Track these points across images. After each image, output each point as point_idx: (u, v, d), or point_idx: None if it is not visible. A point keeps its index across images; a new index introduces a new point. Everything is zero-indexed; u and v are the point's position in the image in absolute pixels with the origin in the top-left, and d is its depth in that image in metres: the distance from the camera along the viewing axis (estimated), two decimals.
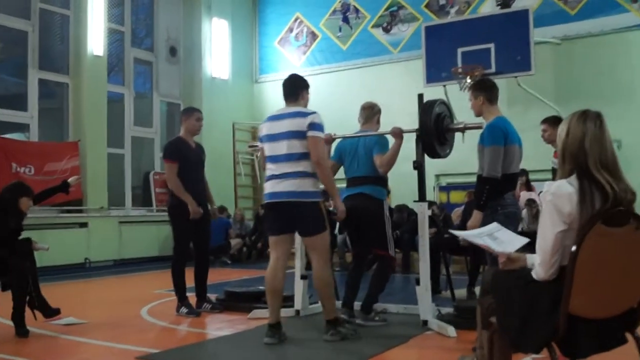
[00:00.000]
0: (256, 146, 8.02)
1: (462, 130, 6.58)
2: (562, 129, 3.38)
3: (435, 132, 6.37)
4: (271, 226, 5.97)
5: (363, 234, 6.58)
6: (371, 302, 6.60)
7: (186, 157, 7.44)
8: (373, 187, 6.50)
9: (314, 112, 5.80)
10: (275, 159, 5.82)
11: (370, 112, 6.90)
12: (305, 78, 6.27)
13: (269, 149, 5.89)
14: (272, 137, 5.86)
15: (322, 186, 5.97)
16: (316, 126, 5.71)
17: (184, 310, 7.25)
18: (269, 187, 5.86)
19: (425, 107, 6.43)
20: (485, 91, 5.92)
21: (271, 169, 5.85)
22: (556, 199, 3.22)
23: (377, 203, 6.48)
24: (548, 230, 3.24)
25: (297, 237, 6.68)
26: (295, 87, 6.09)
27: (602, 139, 3.25)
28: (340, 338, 5.70)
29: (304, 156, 5.71)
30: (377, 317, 6.58)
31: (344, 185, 6.71)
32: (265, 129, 5.97)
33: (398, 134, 6.50)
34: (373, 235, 6.57)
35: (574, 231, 3.17)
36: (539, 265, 3.29)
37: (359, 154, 6.58)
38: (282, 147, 5.76)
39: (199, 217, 7.36)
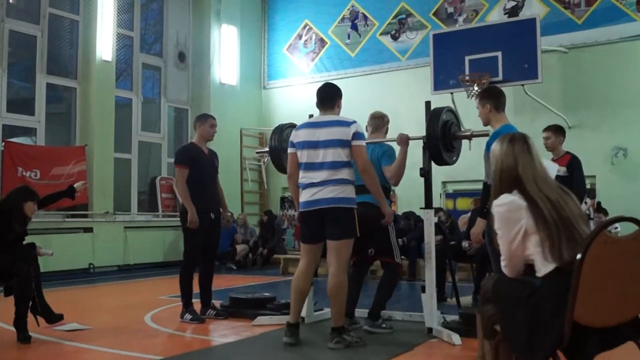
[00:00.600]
0: (264, 152, 8.00)
1: (469, 137, 6.58)
2: (495, 155, 3.66)
3: (442, 139, 6.37)
4: (306, 235, 6.04)
5: (367, 242, 6.58)
6: (379, 309, 6.60)
7: (199, 163, 7.43)
8: None
9: (355, 121, 5.90)
10: (315, 166, 5.85)
11: (381, 122, 6.98)
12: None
13: (306, 156, 5.91)
14: (312, 145, 5.88)
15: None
16: (360, 135, 5.84)
17: (188, 316, 7.22)
18: (307, 195, 5.88)
19: (433, 115, 6.43)
20: (492, 99, 5.92)
21: (309, 176, 5.88)
22: (505, 208, 3.45)
23: (381, 212, 6.43)
24: (503, 238, 3.45)
25: None
26: (332, 95, 6.16)
27: (533, 163, 3.55)
28: (345, 346, 5.69)
29: (346, 164, 5.82)
30: (385, 324, 6.58)
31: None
32: (302, 136, 5.98)
33: (404, 141, 6.52)
34: (378, 244, 6.64)
35: (535, 235, 3.34)
36: (505, 267, 3.54)
37: None
38: (324, 155, 5.81)
39: (210, 224, 7.39)
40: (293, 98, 17.13)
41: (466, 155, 6.82)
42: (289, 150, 6.13)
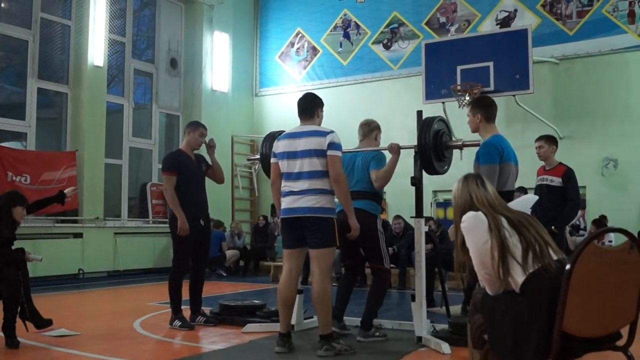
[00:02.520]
0: (255, 159, 8.01)
1: (460, 147, 6.60)
2: (453, 196, 3.97)
3: (433, 149, 6.39)
4: (287, 240, 6.11)
5: (357, 248, 6.68)
6: (371, 318, 6.58)
7: (186, 170, 7.42)
8: (368, 203, 6.54)
9: (332, 131, 5.93)
10: (294, 176, 5.91)
11: (367, 129, 6.98)
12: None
13: (287, 166, 5.97)
14: (290, 155, 5.94)
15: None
16: (335, 145, 5.84)
17: (177, 323, 7.20)
18: (286, 202, 5.94)
19: (424, 124, 6.45)
20: (483, 109, 5.96)
21: (289, 185, 5.94)
22: (469, 221, 3.65)
23: (372, 219, 6.52)
24: (473, 247, 3.59)
25: None
26: (311, 106, 6.17)
27: (487, 194, 3.81)
28: (334, 353, 5.68)
29: (323, 174, 5.83)
30: (377, 333, 6.56)
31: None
32: (282, 147, 6.05)
33: (395, 150, 6.56)
34: (368, 250, 6.68)
35: (502, 248, 3.46)
36: (483, 283, 3.66)
37: (357, 168, 6.65)
38: (301, 165, 5.87)
39: (200, 230, 7.38)
40: (285, 106, 17.10)
41: (457, 164, 6.83)
42: (272, 160, 6.23)
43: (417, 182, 6.45)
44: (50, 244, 12.69)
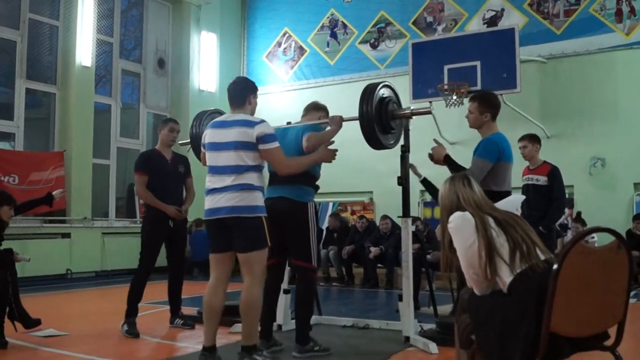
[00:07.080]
0: (185, 143, 7.73)
1: (409, 116, 6.28)
2: (440, 197, 3.96)
3: (377, 118, 5.95)
4: (213, 243, 5.29)
5: (285, 242, 5.89)
6: (305, 330, 5.88)
7: (159, 169, 7.25)
8: (294, 189, 5.79)
9: (262, 121, 5.22)
10: (217, 170, 5.19)
11: (313, 106, 6.45)
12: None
13: (211, 158, 5.27)
14: (216, 146, 5.23)
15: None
16: (268, 137, 5.16)
17: (125, 327, 6.94)
18: (208, 202, 5.21)
19: (366, 91, 6.03)
20: (493, 109, 5.93)
21: (212, 181, 5.21)
22: (456, 221, 3.65)
23: (299, 207, 5.81)
24: (460, 247, 3.60)
25: None
26: (242, 92, 5.44)
27: (474, 194, 3.82)
28: None
29: (251, 168, 5.12)
30: (317, 347, 5.83)
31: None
32: (208, 137, 5.33)
33: (337, 121, 5.92)
34: (293, 245, 5.90)
35: (488, 248, 3.46)
36: (470, 283, 3.65)
37: (286, 142, 5.78)
38: (227, 158, 5.14)
39: (170, 231, 7.26)
40: (271, 105, 17.02)
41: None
42: (202, 149, 5.50)
43: (404, 181, 6.42)
44: (38, 244, 12.67)
